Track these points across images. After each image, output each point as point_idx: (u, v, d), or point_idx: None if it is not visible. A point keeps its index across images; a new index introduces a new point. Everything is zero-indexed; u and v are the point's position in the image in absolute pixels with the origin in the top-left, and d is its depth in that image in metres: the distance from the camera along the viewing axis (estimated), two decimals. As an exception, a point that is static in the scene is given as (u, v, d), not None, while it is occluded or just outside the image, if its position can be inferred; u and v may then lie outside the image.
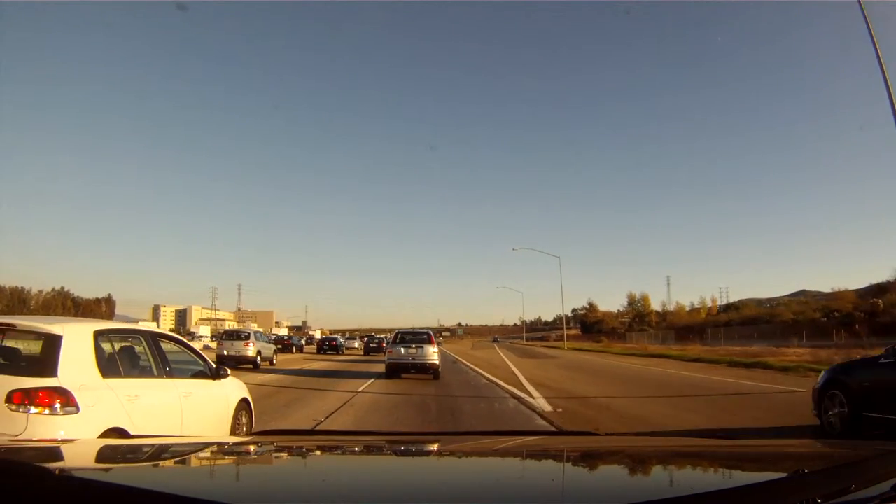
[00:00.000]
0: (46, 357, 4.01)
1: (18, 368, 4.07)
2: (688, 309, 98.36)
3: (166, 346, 5.27)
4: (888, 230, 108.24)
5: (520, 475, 1.63)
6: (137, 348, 4.96)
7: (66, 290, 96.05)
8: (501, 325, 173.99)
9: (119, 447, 1.81)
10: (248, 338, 22.26)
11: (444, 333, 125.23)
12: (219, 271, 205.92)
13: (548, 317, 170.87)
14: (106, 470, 1.50)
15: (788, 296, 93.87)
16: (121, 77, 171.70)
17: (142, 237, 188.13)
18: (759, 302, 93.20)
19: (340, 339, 44.98)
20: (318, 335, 74.56)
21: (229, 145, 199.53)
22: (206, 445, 1.91)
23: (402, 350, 16.40)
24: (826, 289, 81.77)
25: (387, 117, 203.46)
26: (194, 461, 1.72)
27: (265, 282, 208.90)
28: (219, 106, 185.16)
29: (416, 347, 16.36)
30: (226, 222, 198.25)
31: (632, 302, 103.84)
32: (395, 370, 16.21)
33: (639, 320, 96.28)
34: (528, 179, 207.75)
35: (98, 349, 4.32)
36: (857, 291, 67.04)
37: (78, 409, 3.85)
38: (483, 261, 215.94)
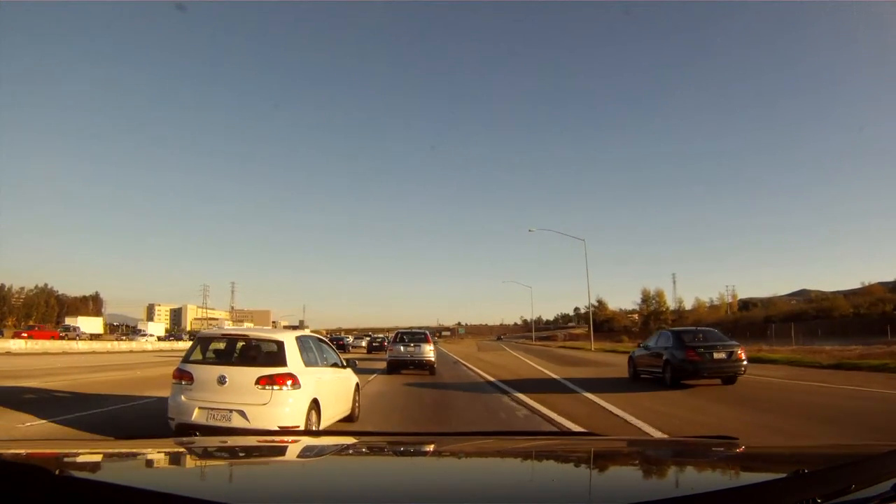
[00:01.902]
0: (277, 354, 6.12)
1: (260, 362, 6.15)
2: (707, 306, 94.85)
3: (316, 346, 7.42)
4: (888, 230, 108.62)
5: (520, 476, 1.63)
6: (313, 347, 7.08)
7: (49, 287, 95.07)
8: (501, 325, 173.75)
9: (119, 447, 1.80)
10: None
11: (443, 333, 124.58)
12: (217, 270, 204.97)
13: (548, 315, 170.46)
14: (106, 470, 1.49)
15: (788, 295, 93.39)
16: (119, 77, 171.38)
17: (139, 236, 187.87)
18: (764, 301, 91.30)
19: (349, 339, 49.43)
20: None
21: (229, 145, 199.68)
22: (207, 446, 1.90)
23: (402, 348, 17.98)
24: (826, 288, 79.91)
25: (387, 117, 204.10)
26: (194, 461, 1.72)
27: (263, 281, 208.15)
28: (219, 106, 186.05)
29: (414, 346, 17.97)
30: (223, 221, 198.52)
31: (646, 298, 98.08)
32: (396, 367, 17.62)
33: (654, 318, 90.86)
34: (528, 179, 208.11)
35: (300, 348, 6.43)
36: (885, 285, 63.69)
37: (300, 386, 5.95)
38: (483, 260, 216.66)
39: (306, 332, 9.43)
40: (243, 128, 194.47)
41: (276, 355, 6.13)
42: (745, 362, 12.45)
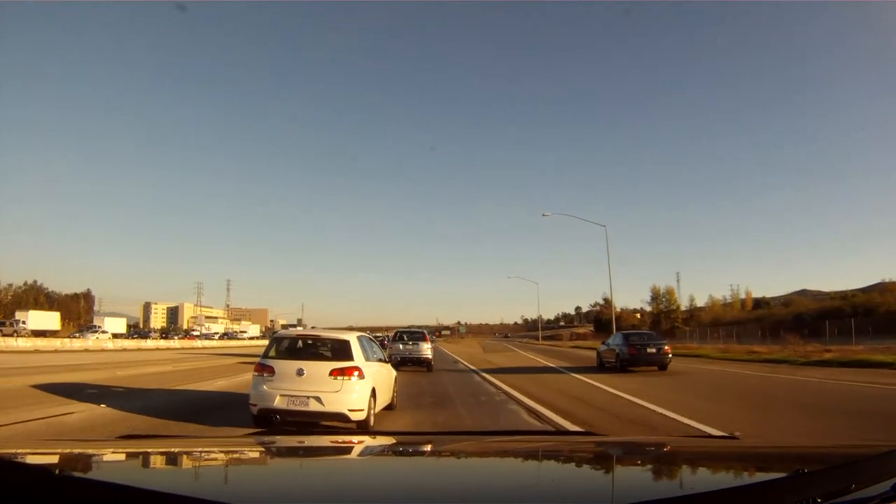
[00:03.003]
0: (345, 351, 7.33)
1: (330, 357, 7.36)
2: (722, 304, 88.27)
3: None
4: (885, 230, 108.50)
5: (520, 475, 1.63)
6: (367, 345, 8.29)
7: (38, 284, 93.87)
8: (501, 324, 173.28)
9: (119, 447, 1.79)
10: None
11: (443, 332, 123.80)
12: (216, 269, 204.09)
13: (549, 315, 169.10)
14: (106, 470, 1.49)
15: (787, 294, 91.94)
16: (119, 76, 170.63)
17: (137, 235, 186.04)
18: (780, 299, 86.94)
19: None
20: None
21: (230, 144, 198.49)
22: (206, 445, 1.90)
23: (401, 346, 19.35)
24: (826, 288, 75.91)
25: (386, 116, 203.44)
26: (194, 461, 1.71)
27: (261, 280, 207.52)
28: (219, 105, 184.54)
29: (413, 344, 19.36)
30: (221, 220, 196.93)
31: (656, 296, 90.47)
32: (395, 364, 18.63)
33: (665, 317, 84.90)
34: (528, 179, 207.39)
35: (360, 346, 7.69)
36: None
37: (364, 378, 7.10)
38: (482, 260, 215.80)
39: (356, 333, 10.27)
40: (243, 127, 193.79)
41: (344, 351, 7.38)
42: (670, 356, 17.73)
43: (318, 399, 6.81)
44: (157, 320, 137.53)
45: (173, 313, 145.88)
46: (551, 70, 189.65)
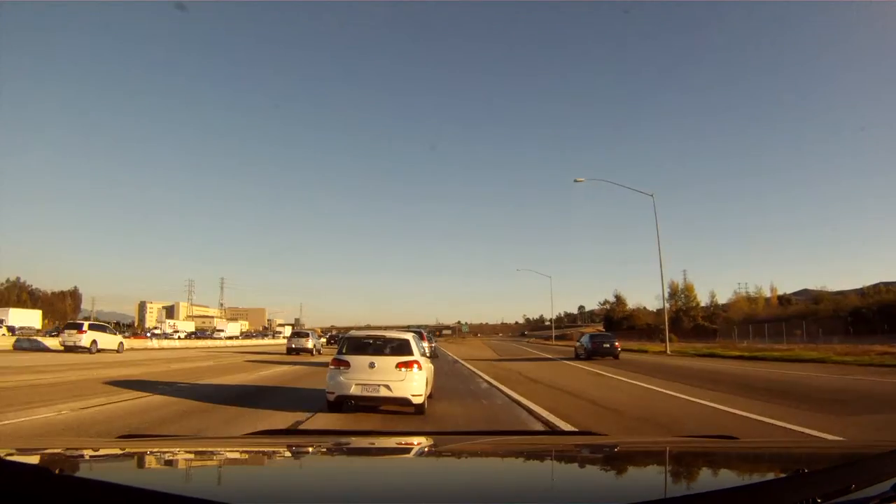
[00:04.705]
0: (406, 347, 8.93)
1: (395, 353, 8.83)
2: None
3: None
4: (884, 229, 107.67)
5: (519, 475, 1.63)
6: (418, 342, 9.65)
7: (21, 281, 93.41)
8: (502, 323, 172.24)
9: (119, 447, 1.78)
10: (307, 336, 33.66)
11: (443, 331, 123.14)
12: (214, 268, 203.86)
13: (551, 315, 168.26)
14: (106, 470, 1.48)
15: (790, 294, 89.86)
16: (119, 76, 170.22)
17: (133, 234, 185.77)
18: (813, 295, 73.38)
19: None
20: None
21: (230, 144, 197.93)
22: (206, 445, 1.89)
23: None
24: (828, 288, 68.68)
25: (386, 116, 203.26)
26: (194, 461, 1.70)
27: (259, 279, 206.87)
28: (219, 105, 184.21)
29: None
30: (221, 220, 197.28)
31: (674, 293, 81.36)
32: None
33: (684, 314, 77.90)
34: (529, 179, 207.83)
35: (415, 343, 9.26)
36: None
37: (421, 369, 8.67)
38: (482, 259, 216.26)
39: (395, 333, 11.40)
40: (242, 126, 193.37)
41: (405, 348, 8.94)
42: (619, 349, 27.13)
43: (387, 387, 8.35)
44: (153, 320, 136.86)
45: (169, 312, 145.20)
46: (551, 70, 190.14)
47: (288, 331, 66.92)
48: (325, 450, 1.95)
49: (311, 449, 1.97)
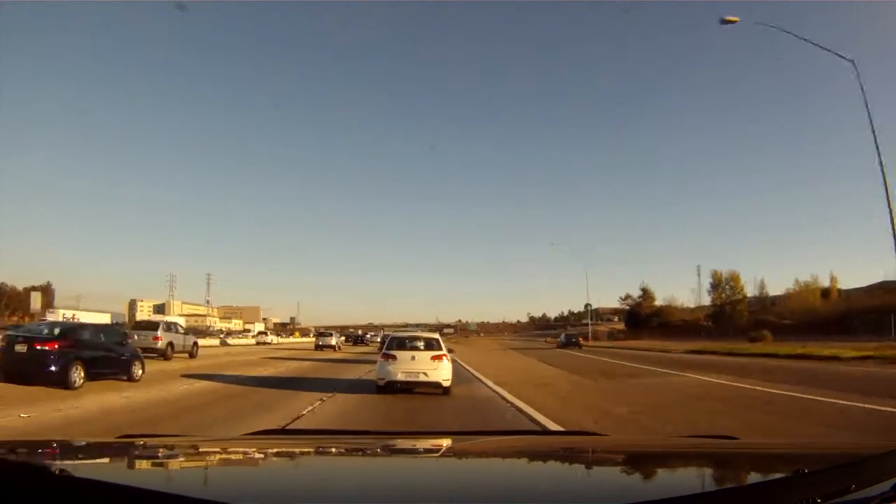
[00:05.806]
0: (436, 344, 11.96)
1: (428, 348, 11.79)
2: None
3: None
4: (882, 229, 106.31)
5: (519, 475, 1.63)
6: (443, 339, 12.63)
7: None
8: (504, 322, 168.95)
9: (119, 446, 1.77)
10: (331, 335, 41.39)
11: (445, 331, 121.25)
12: (212, 268, 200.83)
13: (552, 314, 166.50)
14: (106, 470, 1.46)
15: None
16: (117, 76, 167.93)
17: (129, 233, 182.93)
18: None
19: (368, 336, 68.47)
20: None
21: (230, 144, 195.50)
22: (206, 445, 1.88)
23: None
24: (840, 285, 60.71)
25: (386, 116, 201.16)
26: (194, 461, 1.69)
27: (256, 278, 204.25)
28: (218, 105, 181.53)
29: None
30: (220, 219, 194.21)
31: (717, 284, 71.83)
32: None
33: (730, 308, 68.58)
34: (528, 178, 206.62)
35: (441, 341, 12.29)
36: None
37: (449, 361, 11.68)
38: (482, 259, 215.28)
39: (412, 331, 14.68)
40: (242, 126, 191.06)
41: (435, 344, 11.94)
42: (581, 343, 49.53)
43: (424, 374, 11.14)
44: (144, 317, 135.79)
45: (160, 310, 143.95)
46: (551, 70, 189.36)
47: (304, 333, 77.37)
48: (324, 450, 1.95)
49: (310, 449, 1.96)
